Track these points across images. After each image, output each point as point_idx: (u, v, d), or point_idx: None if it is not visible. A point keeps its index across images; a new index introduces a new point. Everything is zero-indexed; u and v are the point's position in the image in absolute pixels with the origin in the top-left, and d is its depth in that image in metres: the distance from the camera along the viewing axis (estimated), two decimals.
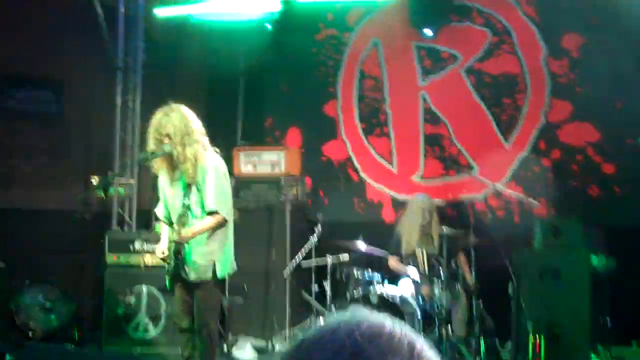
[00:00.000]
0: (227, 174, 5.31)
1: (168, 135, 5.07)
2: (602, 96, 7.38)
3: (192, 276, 5.15)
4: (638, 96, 7.20)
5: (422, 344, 1.08)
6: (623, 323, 6.59)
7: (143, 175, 8.04)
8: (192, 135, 5.11)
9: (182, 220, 5.12)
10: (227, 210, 5.19)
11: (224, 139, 8.27)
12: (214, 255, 5.20)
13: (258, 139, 8.76)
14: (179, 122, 5.09)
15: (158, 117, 5.14)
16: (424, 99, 8.27)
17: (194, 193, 5.14)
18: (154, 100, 8.48)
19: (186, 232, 5.09)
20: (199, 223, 5.13)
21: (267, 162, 7.81)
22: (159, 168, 5.24)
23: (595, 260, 6.42)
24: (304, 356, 1.06)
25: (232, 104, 8.94)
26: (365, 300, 6.34)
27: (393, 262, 7.00)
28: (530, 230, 6.84)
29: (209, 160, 5.16)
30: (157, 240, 6.96)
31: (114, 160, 8.03)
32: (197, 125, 5.18)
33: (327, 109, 8.72)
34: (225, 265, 5.27)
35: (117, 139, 8.06)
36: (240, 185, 7.71)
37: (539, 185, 7.50)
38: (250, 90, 8.94)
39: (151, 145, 5.15)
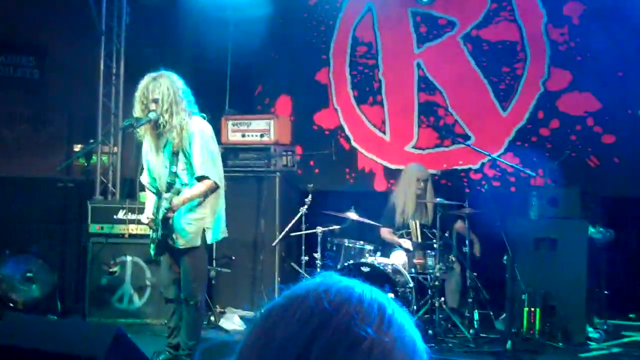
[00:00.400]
0: (214, 138, 5.33)
1: (155, 101, 5.07)
2: (602, 65, 7.42)
3: (181, 242, 5.18)
4: (639, 66, 7.24)
5: (394, 308, 1.06)
6: (620, 295, 6.67)
7: (127, 143, 8.05)
8: (180, 104, 5.12)
9: (171, 188, 5.14)
10: (217, 175, 5.21)
11: (212, 107, 8.29)
12: (205, 222, 5.23)
13: (247, 107, 8.77)
14: (167, 88, 5.09)
15: (146, 81, 5.13)
16: (419, 67, 8.29)
17: (181, 160, 5.15)
18: (138, 67, 8.51)
19: (177, 200, 5.11)
20: (189, 190, 5.15)
21: (256, 130, 7.80)
22: (144, 135, 5.24)
23: (593, 231, 6.48)
24: (270, 326, 1.05)
25: (220, 71, 8.93)
26: (357, 270, 6.37)
27: (386, 233, 7.05)
28: (526, 201, 6.90)
29: (194, 126, 5.16)
30: (141, 209, 7.05)
31: (96, 128, 8.02)
32: (186, 94, 5.19)
33: (319, 76, 8.73)
34: (216, 232, 5.31)
35: (100, 106, 8.05)
36: (229, 154, 7.72)
37: (537, 156, 7.55)
38: (239, 57, 8.92)
39: (137, 110, 5.15)
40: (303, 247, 7.01)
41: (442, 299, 6.44)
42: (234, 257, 7.42)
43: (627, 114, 7.39)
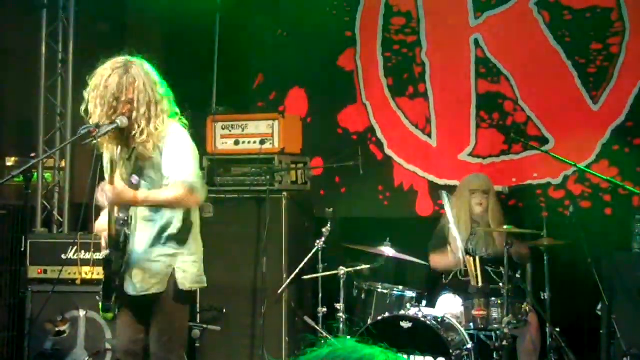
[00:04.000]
0: (193, 143, 5.36)
1: (130, 103, 5.10)
2: None
3: (139, 287, 5.21)
4: None
5: None
6: None
7: (78, 155, 8.11)
8: (160, 104, 5.16)
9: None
10: (196, 180, 5.18)
11: (193, 104, 8.33)
12: (173, 258, 5.23)
13: (242, 103, 8.81)
14: (143, 84, 5.11)
15: (114, 75, 5.10)
16: (478, 44, 8.30)
17: (148, 176, 5.18)
18: (93, 50, 8.58)
19: (141, 194, 5.05)
20: (154, 192, 5.10)
21: (255, 135, 7.84)
22: (105, 145, 5.28)
23: None
24: None
25: (204, 55, 8.97)
26: (394, 326, 6.39)
27: (439, 259, 7.12)
28: (628, 228, 6.87)
29: (167, 129, 5.21)
30: (97, 246, 7.10)
31: (37, 134, 8.09)
32: (165, 91, 5.24)
33: (342, 60, 8.76)
34: (192, 274, 5.31)
35: (42, 103, 8.13)
36: (216, 168, 7.75)
37: None
38: (232, 35, 8.97)
39: (98, 114, 5.17)
40: (320, 295, 7.00)
41: None
42: (224, 309, 7.43)
43: None
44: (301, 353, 1.18)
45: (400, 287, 6.85)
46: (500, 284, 6.54)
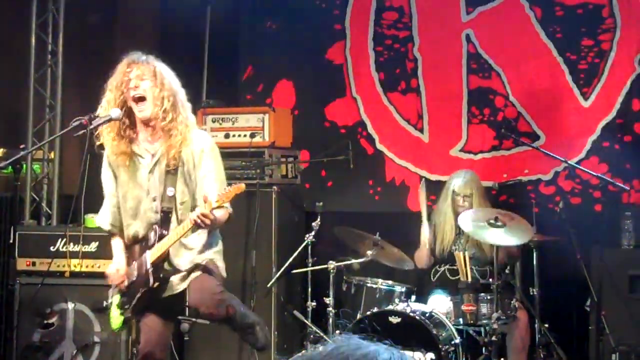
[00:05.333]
0: None
1: (141, 100, 5.14)
2: None
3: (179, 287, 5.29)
4: None
5: None
6: None
7: (68, 147, 8.09)
8: (187, 108, 5.31)
9: (168, 218, 5.18)
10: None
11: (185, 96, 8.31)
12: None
13: (232, 96, 8.80)
14: (170, 81, 5.21)
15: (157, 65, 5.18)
16: (469, 40, 8.31)
17: (181, 183, 5.20)
18: (83, 41, 8.57)
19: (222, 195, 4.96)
20: (217, 212, 5.03)
21: (245, 128, 7.83)
22: (110, 144, 5.28)
23: None
24: None
25: (195, 47, 8.96)
26: (383, 321, 6.38)
27: (421, 256, 7.09)
28: (617, 224, 6.88)
29: (201, 139, 5.29)
30: (88, 238, 7.11)
31: (26, 125, 8.06)
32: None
33: (331, 54, 8.76)
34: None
35: (31, 95, 8.10)
36: None
37: (631, 162, 7.54)
38: (222, 27, 8.96)
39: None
40: (309, 290, 7.02)
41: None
42: None
43: None
44: (305, 350, 1.17)
45: (390, 282, 6.85)
46: (490, 280, 6.55)
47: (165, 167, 5.18)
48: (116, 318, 5.38)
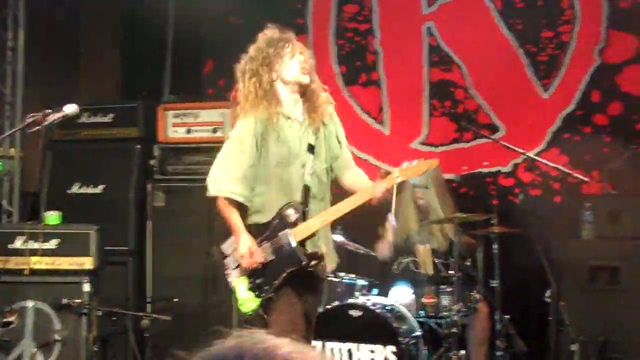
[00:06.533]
0: None
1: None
2: None
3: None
4: None
5: None
6: None
7: (30, 143, 8.03)
8: None
9: (308, 193, 5.37)
10: None
11: (145, 91, 8.28)
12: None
13: (193, 91, 8.76)
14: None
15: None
16: (430, 33, 8.31)
17: (322, 144, 5.46)
18: (44, 36, 8.51)
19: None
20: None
21: (207, 123, 7.82)
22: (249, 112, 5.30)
23: None
24: None
25: (157, 40, 8.92)
26: (344, 315, 6.38)
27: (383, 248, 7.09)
28: (577, 215, 6.90)
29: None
30: (48, 235, 7.05)
31: None
32: None
33: None
34: None
35: None
36: (167, 157, 7.71)
37: (591, 153, 7.56)
38: (183, 22, 8.92)
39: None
40: None
41: (463, 352, 6.44)
42: (175, 299, 7.39)
43: None
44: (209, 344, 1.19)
45: (352, 275, 6.84)
46: (451, 272, 6.55)
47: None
48: (250, 301, 5.08)
